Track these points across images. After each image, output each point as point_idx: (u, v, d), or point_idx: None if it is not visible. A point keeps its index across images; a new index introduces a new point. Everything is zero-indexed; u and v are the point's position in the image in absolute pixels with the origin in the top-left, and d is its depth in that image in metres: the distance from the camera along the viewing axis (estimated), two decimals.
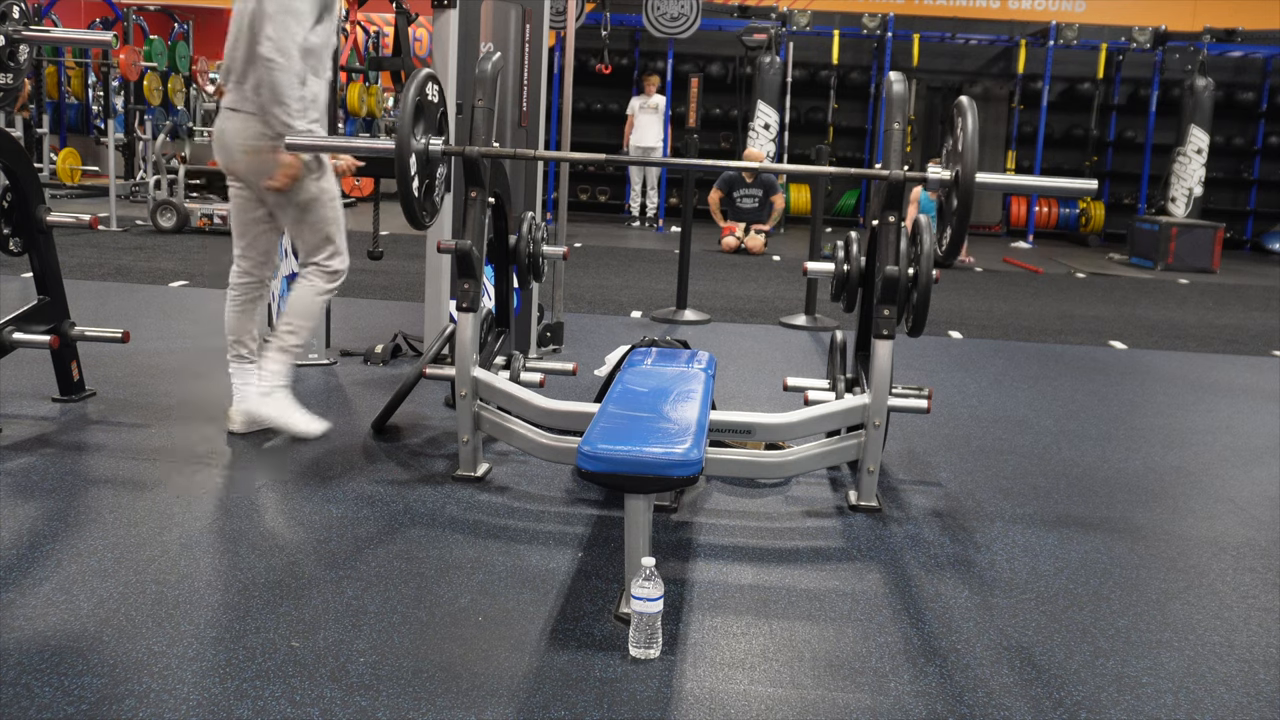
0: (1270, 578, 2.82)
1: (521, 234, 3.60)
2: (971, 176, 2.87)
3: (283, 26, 3.25)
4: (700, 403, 2.74)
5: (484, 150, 3.13)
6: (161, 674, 2.04)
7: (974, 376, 5.11)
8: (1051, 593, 2.65)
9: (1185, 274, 10.21)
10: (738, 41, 12.21)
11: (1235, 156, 13.34)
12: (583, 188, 13.47)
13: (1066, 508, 3.30)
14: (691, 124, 11.57)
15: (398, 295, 6.49)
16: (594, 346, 5.19)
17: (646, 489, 2.29)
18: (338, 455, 3.42)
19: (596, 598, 2.48)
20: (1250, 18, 12.46)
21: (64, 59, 11.67)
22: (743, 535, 2.95)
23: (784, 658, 2.25)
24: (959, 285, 8.37)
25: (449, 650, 2.20)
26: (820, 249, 6.64)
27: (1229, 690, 2.21)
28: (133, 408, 3.81)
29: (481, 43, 4.50)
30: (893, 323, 3.06)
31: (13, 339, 3.53)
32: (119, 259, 7.27)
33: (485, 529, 2.87)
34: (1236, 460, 3.94)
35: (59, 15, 11.53)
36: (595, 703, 2.03)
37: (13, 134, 6.23)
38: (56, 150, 11.28)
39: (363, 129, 12.00)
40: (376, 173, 4.49)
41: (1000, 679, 2.21)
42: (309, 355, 4.59)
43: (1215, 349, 6.25)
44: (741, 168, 3.32)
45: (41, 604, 2.29)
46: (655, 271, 8.29)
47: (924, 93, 13.11)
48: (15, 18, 3.44)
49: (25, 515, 2.80)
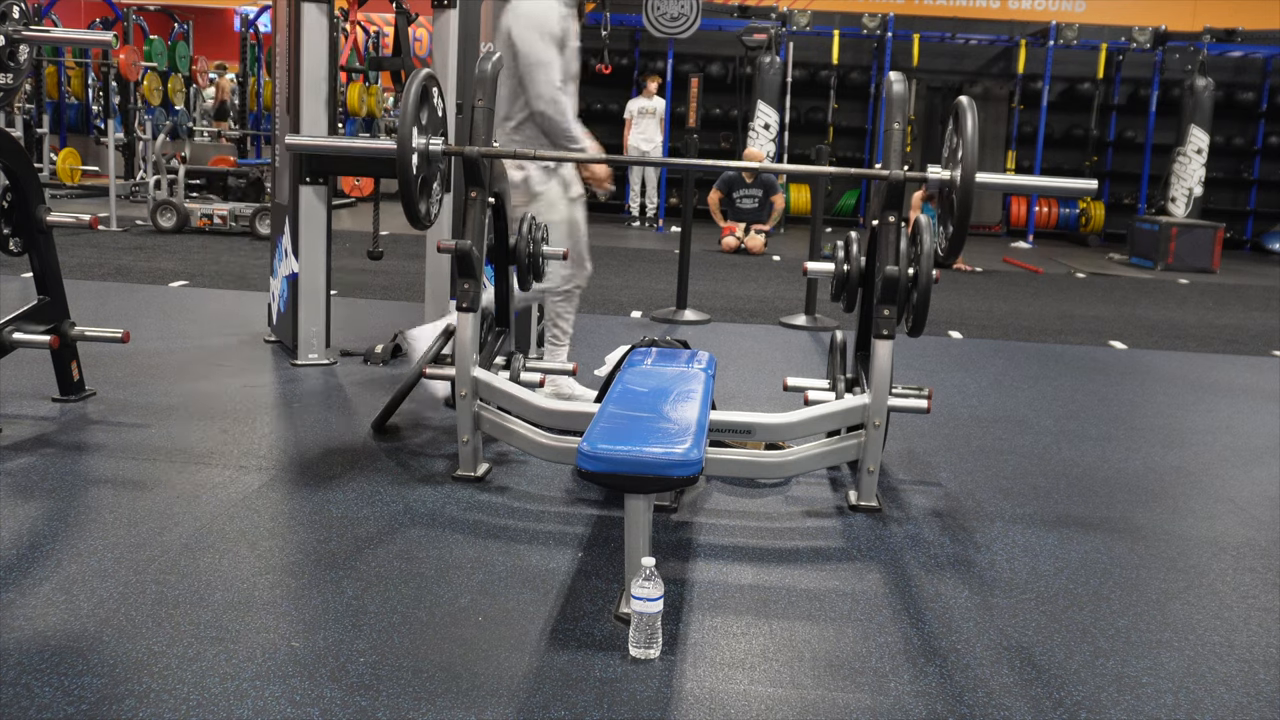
0: (1270, 578, 2.82)
1: (521, 234, 3.59)
2: (971, 177, 2.87)
3: (542, 80, 3.67)
4: (700, 403, 2.74)
5: (484, 150, 3.13)
6: (161, 674, 2.04)
7: (974, 376, 5.11)
8: (1051, 593, 2.65)
9: (1185, 274, 10.21)
10: (738, 41, 12.21)
11: (1235, 156, 13.34)
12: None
13: (1066, 508, 3.30)
14: (691, 124, 11.56)
15: (398, 295, 6.49)
16: (594, 346, 5.19)
17: (646, 489, 2.29)
18: (338, 455, 3.43)
19: (596, 598, 2.48)
20: (1250, 18, 12.46)
21: (64, 59, 11.67)
22: (743, 535, 2.95)
23: (784, 658, 2.25)
24: (959, 285, 8.37)
25: (449, 650, 2.20)
26: (820, 249, 6.64)
27: (1229, 690, 2.21)
28: (133, 408, 3.81)
29: (481, 43, 4.50)
30: (893, 323, 3.06)
31: (13, 339, 3.53)
32: (119, 259, 7.27)
33: (485, 529, 2.87)
34: (1236, 460, 3.94)
35: (59, 15, 11.52)
36: (595, 703, 2.03)
37: (13, 134, 6.23)
38: (56, 150, 11.28)
39: (363, 129, 11.99)
40: (377, 173, 4.50)
41: (1000, 679, 2.21)
42: (307, 354, 4.59)
43: (1215, 349, 6.25)
44: (741, 168, 3.32)
45: (41, 604, 2.29)
46: (655, 271, 8.29)
47: (924, 93, 13.11)
48: (15, 18, 3.44)
49: (25, 515, 2.80)
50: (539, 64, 3.66)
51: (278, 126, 4.84)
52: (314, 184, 4.47)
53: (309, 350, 4.60)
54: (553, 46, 3.68)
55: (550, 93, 3.66)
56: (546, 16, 3.68)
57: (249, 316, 5.52)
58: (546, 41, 3.67)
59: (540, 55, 3.66)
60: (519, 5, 3.72)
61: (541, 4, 3.70)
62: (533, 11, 3.69)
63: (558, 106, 3.67)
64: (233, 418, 3.76)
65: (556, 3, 3.72)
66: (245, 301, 5.98)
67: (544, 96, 3.66)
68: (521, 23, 3.68)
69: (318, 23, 4.38)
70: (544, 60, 3.66)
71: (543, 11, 3.69)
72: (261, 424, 3.72)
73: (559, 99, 3.68)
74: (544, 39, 3.66)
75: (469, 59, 4.29)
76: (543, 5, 3.70)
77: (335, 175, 4.82)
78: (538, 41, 3.66)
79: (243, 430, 3.62)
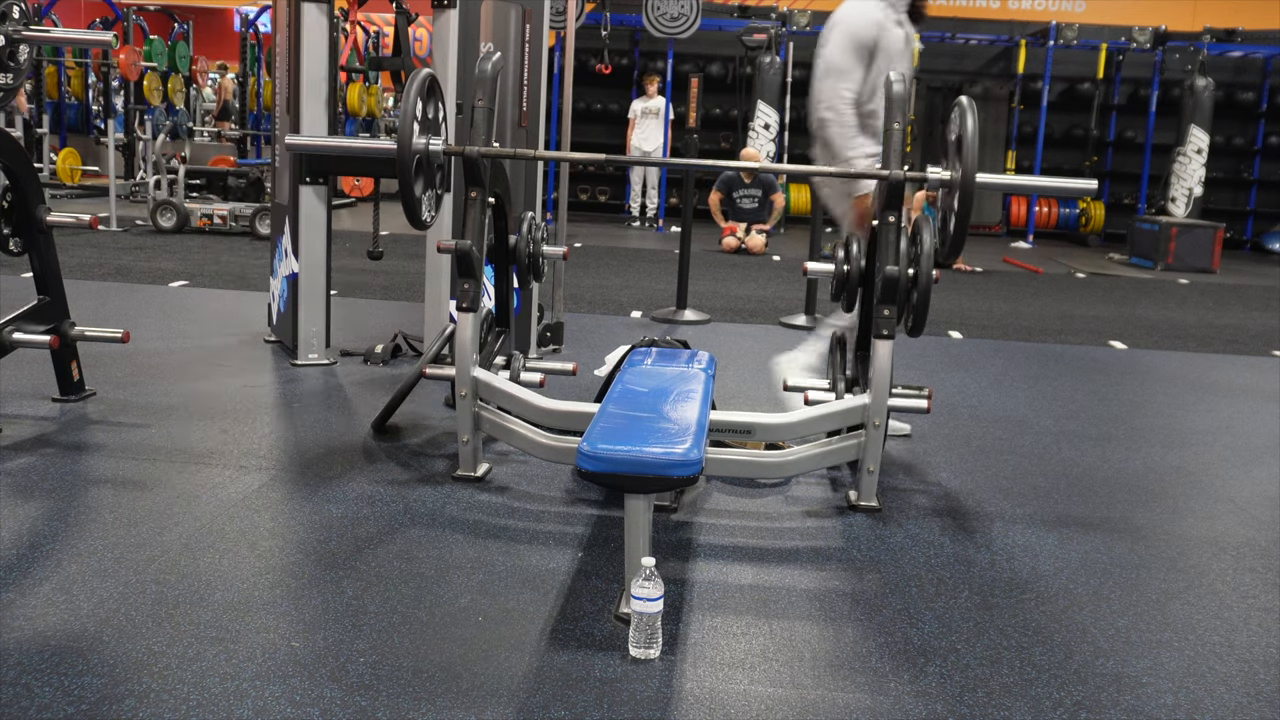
0: (1270, 578, 2.82)
1: (521, 234, 3.60)
2: (971, 177, 2.87)
3: (829, 88, 3.57)
4: (700, 403, 2.74)
5: (484, 150, 3.12)
6: (161, 674, 2.04)
7: (974, 376, 5.11)
8: (1051, 593, 2.65)
9: (1185, 274, 10.21)
10: (738, 41, 12.21)
11: (1235, 156, 13.33)
12: (583, 188, 13.47)
13: (1066, 508, 3.30)
14: (692, 124, 11.56)
15: (398, 295, 6.49)
16: (594, 346, 5.19)
17: (646, 489, 2.29)
18: (338, 455, 3.43)
19: (596, 598, 2.48)
20: (1250, 18, 12.46)
21: (64, 59, 11.66)
22: (743, 535, 2.95)
23: (784, 658, 2.25)
24: (959, 285, 8.37)
25: (449, 650, 2.20)
26: (820, 249, 6.64)
27: (1229, 690, 2.21)
28: (133, 408, 3.81)
29: (481, 43, 4.50)
30: (893, 323, 3.06)
31: (13, 339, 3.53)
32: (119, 259, 7.27)
33: (485, 529, 2.87)
34: (1236, 460, 3.94)
35: (59, 15, 11.52)
36: (595, 703, 2.03)
37: (13, 134, 6.23)
38: (56, 150, 11.28)
39: (363, 129, 11.99)
40: (377, 173, 4.50)
41: (1000, 679, 2.21)
42: (307, 354, 4.59)
43: (1215, 349, 6.24)
44: (741, 168, 3.32)
45: (41, 604, 2.29)
46: (655, 271, 8.29)
47: (924, 93, 13.11)
48: (15, 18, 3.44)
49: (25, 515, 2.80)
50: (830, 71, 3.59)
51: (278, 126, 4.84)
52: (314, 184, 4.47)
53: (309, 350, 4.60)
54: (853, 56, 3.57)
55: (833, 101, 3.57)
56: (856, 24, 3.59)
57: (249, 316, 5.52)
58: (848, 50, 3.57)
59: (835, 62, 3.59)
60: (840, 9, 3.67)
61: (858, 9, 3.62)
62: (846, 17, 3.63)
63: (839, 117, 3.57)
64: (233, 418, 3.76)
65: (878, 9, 3.61)
66: (245, 301, 5.98)
67: (824, 102, 3.59)
68: (837, 28, 3.62)
69: (318, 23, 4.38)
70: (837, 68, 3.58)
71: (854, 18, 3.61)
72: (261, 424, 3.72)
73: (841, 111, 3.57)
74: (846, 48, 3.57)
75: (469, 59, 4.29)
76: (858, 10, 3.61)
77: (335, 175, 4.82)
78: (838, 49, 3.59)
79: (243, 430, 3.62)
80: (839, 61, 3.58)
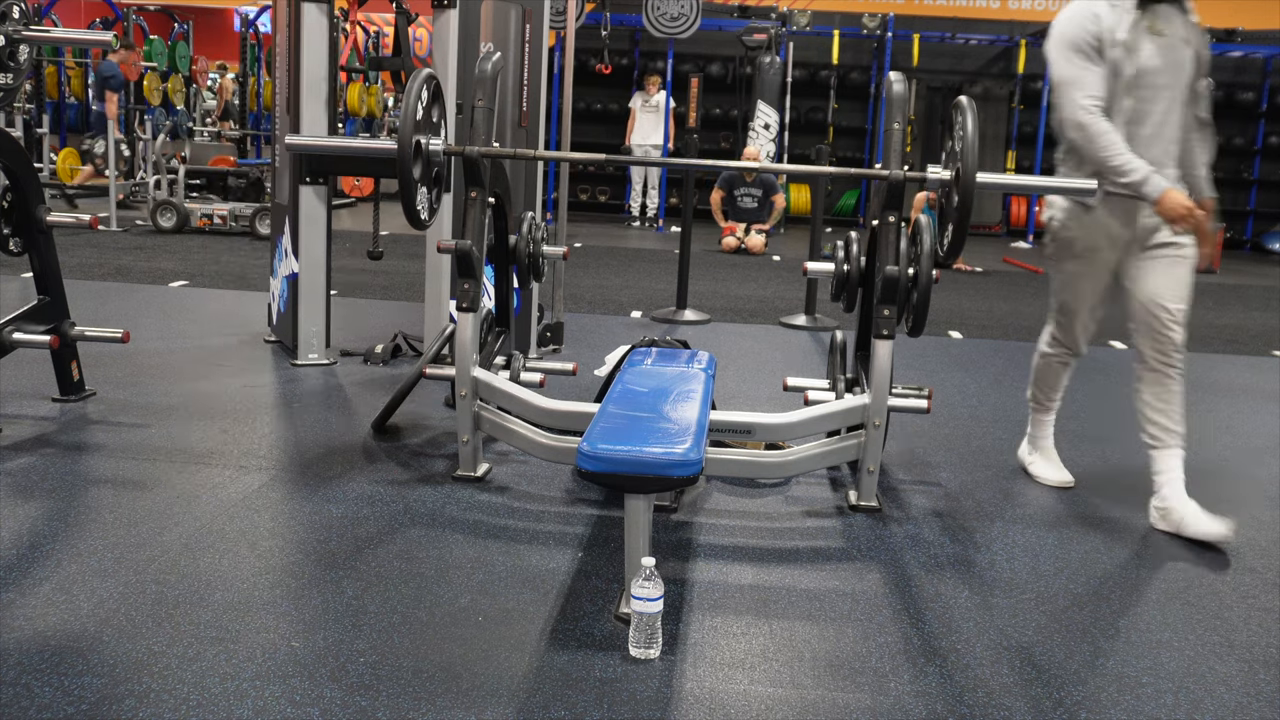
0: (1270, 578, 2.82)
1: (521, 234, 3.60)
2: (972, 176, 2.87)
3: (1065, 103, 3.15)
4: (700, 403, 2.74)
5: (484, 150, 3.13)
6: (161, 674, 2.04)
7: (974, 376, 5.11)
8: (1051, 593, 2.65)
9: None
10: (738, 41, 12.21)
11: (1235, 156, 13.32)
12: (583, 188, 13.47)
13: (1067, 508, 3.30)
14: (692, 124, 11.57)
15: (398, 295, 6.49)
16: (594, 346, 5.19)
17: (646, 489, 2.29)
18: (338, 455, 3.43)
19: (596, 598, 2.48)
20: (1250, 18, 12.45)
21: (64, 59, 11.66)
22: (743, 535, 2.95)
23: (784, 658, 2.25)
24: (959, 285, 8.37)
25: (449, 650, 2.20)
26: (820, 249, 6.64)
27: (1229, 690, 2.21)
28: (133, 408, 3.81)
29: (481, 43, 4.50)
30: (893, 323, 3.06)
31: (13, 339, 3.53)
32: (119, 259, 7.27)
33: (485, 529, 2.87)
34: (1236, 460, 3.94)
35: (59, 15, 11.52)
36: (595, 703, 2.03)
37: (13, 134, 6.23)
38: (56, 150, 11.27)
39: (363, 129, 11.99)
40: (377, 173, 4.50)
41: (1000, 679, 2.21)
42: (307, 354, 4.59)
43: (1215, 349, 6.24)
44: (742, 168, 3.32)
45: (41, 604, 2.29)
46: (655, 271, 8.29)
47: (924, 93, 13.10)
48: (15, 18, 3.44)
49: (25, 515, 2.80)
50: (1059, 84, 3.16)
51: (278, 126, 4.84)
52: (314, 184, 4.47)
53: (309, 350, 4.60)
54: (1077, 58, 3.11)
55: (1075, 116, 3.10)
56: (1069, 24, 3.15)
57: (249, 316, 5.52)
58: (1067, 55, 3.12)
59: (1060, 73, 3.15)
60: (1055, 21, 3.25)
61: (1069, 10, 3.19)
62: (1057, 22, 3.20)
63: (1085, 132, 3.09)
64: (233, 418, 3.76)
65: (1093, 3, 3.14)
66: (245, 301, 5.98)
67: (1069, 121, 3.13)
68: (1051, 40, 3.20)
69: (318, 23, 4.38)
70: (1065, 79, 3.13)
71: (1065, 20, 3.17)
72: (261, 424, 3.72)
73: (1085, 123, 3.09)
74: (1064, 53, 3.13)
75: (469, 59, 4.29)
76: (1069, 11, 3.18)
77: (335, 175, 4.83)
78: (1058, 58, 3.16)
79: (243, 430, 3.62)
80: (1062, 71, 3.15)
